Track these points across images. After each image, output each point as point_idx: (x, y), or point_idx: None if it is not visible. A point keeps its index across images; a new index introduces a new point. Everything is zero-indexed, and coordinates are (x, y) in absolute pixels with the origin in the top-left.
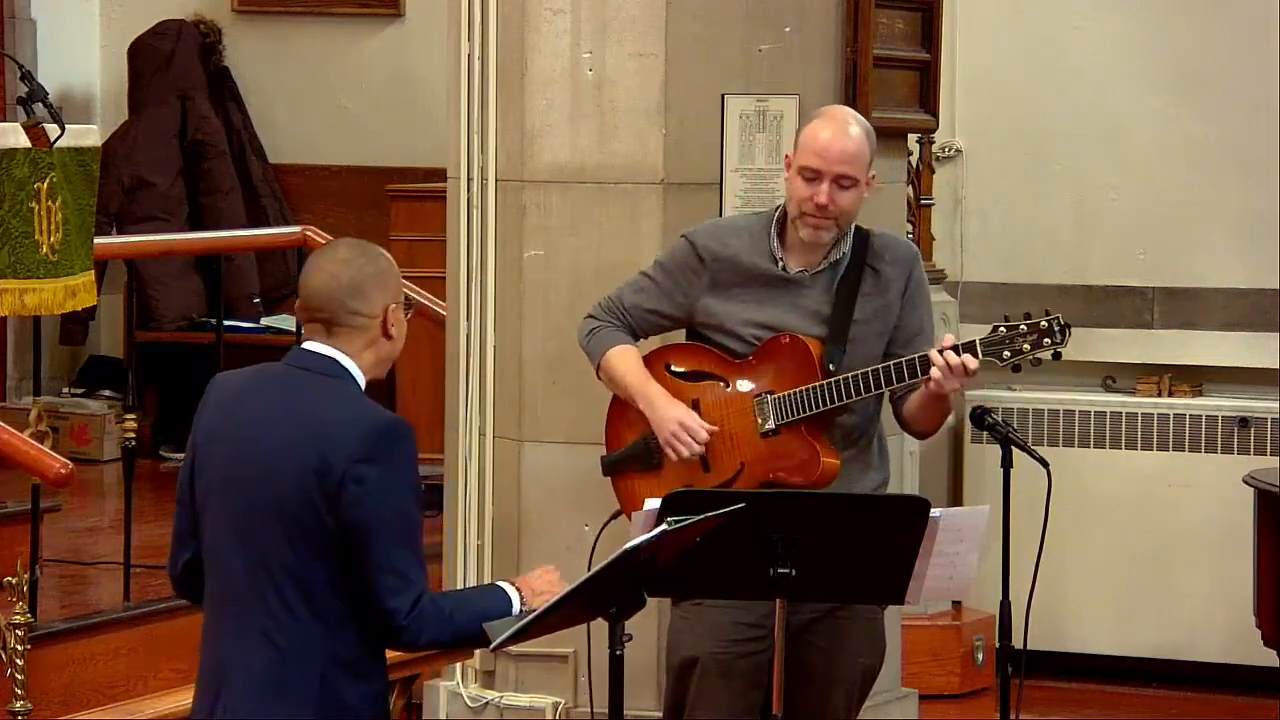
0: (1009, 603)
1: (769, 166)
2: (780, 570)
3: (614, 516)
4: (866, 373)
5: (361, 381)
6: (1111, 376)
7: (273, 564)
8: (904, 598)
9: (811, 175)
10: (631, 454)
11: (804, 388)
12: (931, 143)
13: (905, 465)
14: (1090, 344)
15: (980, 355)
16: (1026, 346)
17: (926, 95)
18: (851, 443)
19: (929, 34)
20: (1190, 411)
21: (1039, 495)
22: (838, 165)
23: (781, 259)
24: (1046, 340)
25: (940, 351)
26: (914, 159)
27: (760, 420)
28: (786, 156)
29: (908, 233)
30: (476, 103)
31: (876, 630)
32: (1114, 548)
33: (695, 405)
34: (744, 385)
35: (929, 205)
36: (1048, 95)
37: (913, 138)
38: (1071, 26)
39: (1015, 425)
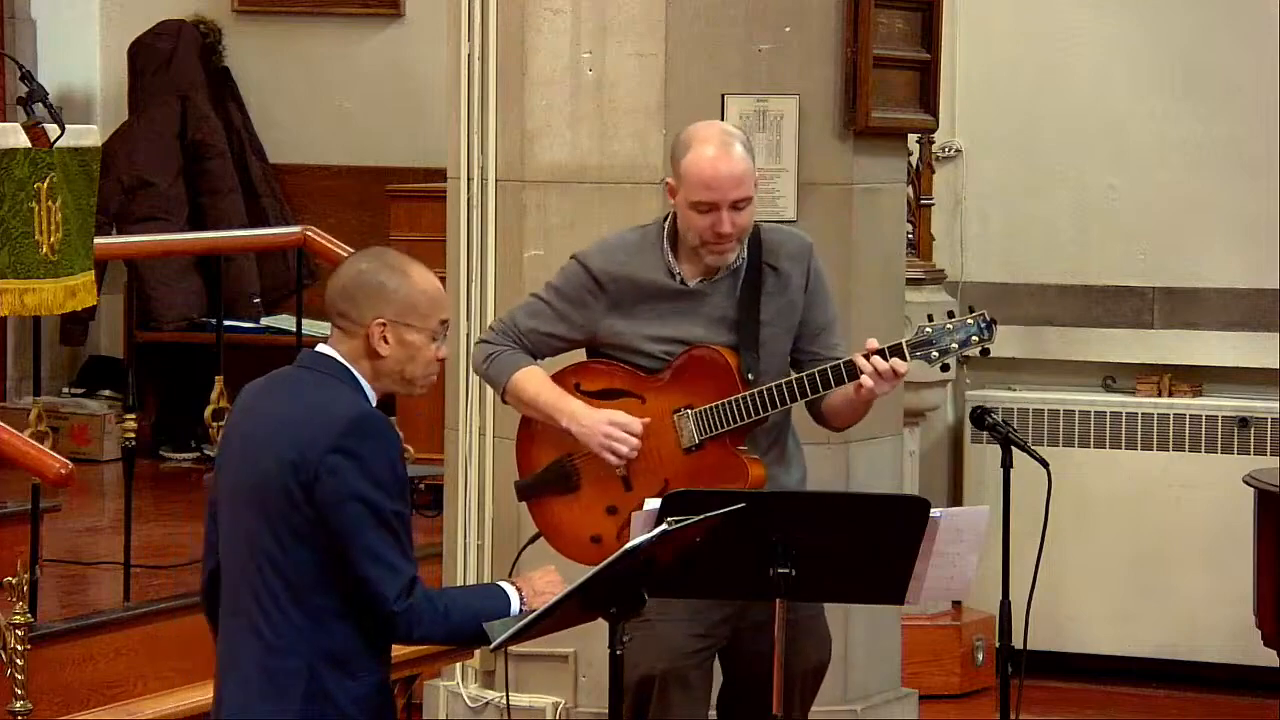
0: (1009, 603)
1: (769, 166)
2: (780, 570)
3: (532, 540)
4: (791, 382)
5: (366, 387)
6: (1111, 376)
7: (261, 559)
8: (904, 598)
9: (707, 208)
10: (548, 477)
11: (727, 400)
12: (931, 143)
13: (905, 465)
14: (1090, 344)
15: (908, 357)
16: (954, 345)
17: (926, 95)
18: (770, 444)
19: (929, 34)
20: (1190, 411)
21: (1039, 495)
22: (731, 192)
23: (678, 272)
24: (974, 337)
25: (867, 356)
26: (914, 159)
27: (683, 436)
28: (668, 183)
29: (908, 233)
30: (476, 103)
31: (821, 627)
32: (1114, 548)
33: None
34: (661, 401)
35: (929, 205)
36: (1048, 95)
37: (913, 138)
38: (1071, 26)
39: (1015, 425)
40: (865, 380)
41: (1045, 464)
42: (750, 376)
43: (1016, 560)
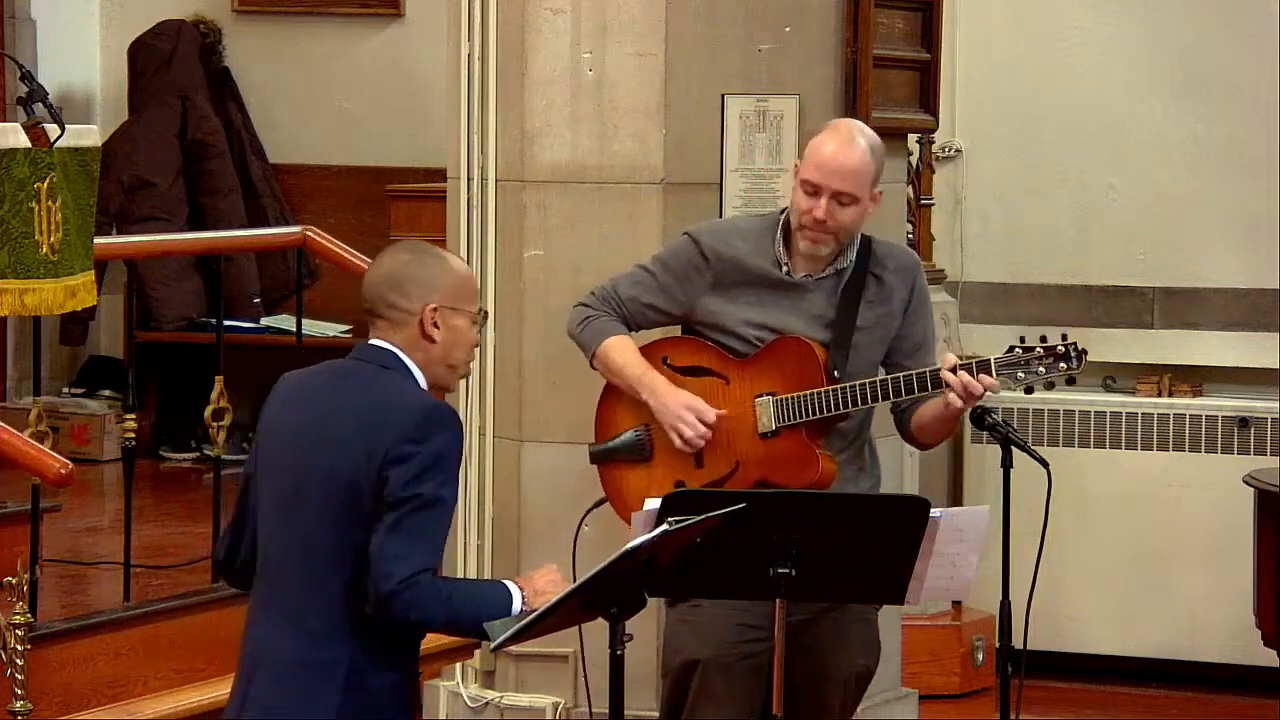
0: (1009, 603)
1: (769, 166)
2: (780, 570)
3: (597, 504)
4: (875, 382)
5: (420, 378)
6: (1111, 376)
7: (320, 551)
8: (904, 598)
9: (811, 189)
10: (622, 445)
11: (811, 392)
12: (931, 143)
13: (905, 465)
14: (1090, 344)
15: (995, 374)
16: (1042, 369)
17: (926, 95)
18: (846, 446)
19: (929, 34)
20: (1190, 411)
21: (1039, 495)
22: (836, 182)
23: (786, 264)
24: (1062, 365)
25: (954, 370)
26: (914, 159)
27: (761, 420)
28: (795, 164)
29: (908, 233)
30: (476, 103)
31: (871, 632)
32: (1114, 548)
33: None
34: (745, 385)
35: (929, 205)
36: (1048, 95)
37: (913, 138)
38: (1071, 26)
39: (1015, 425)
40: (953, 398)
41: (1045, 464)
42: (836, 374)
43: (1016, 560)
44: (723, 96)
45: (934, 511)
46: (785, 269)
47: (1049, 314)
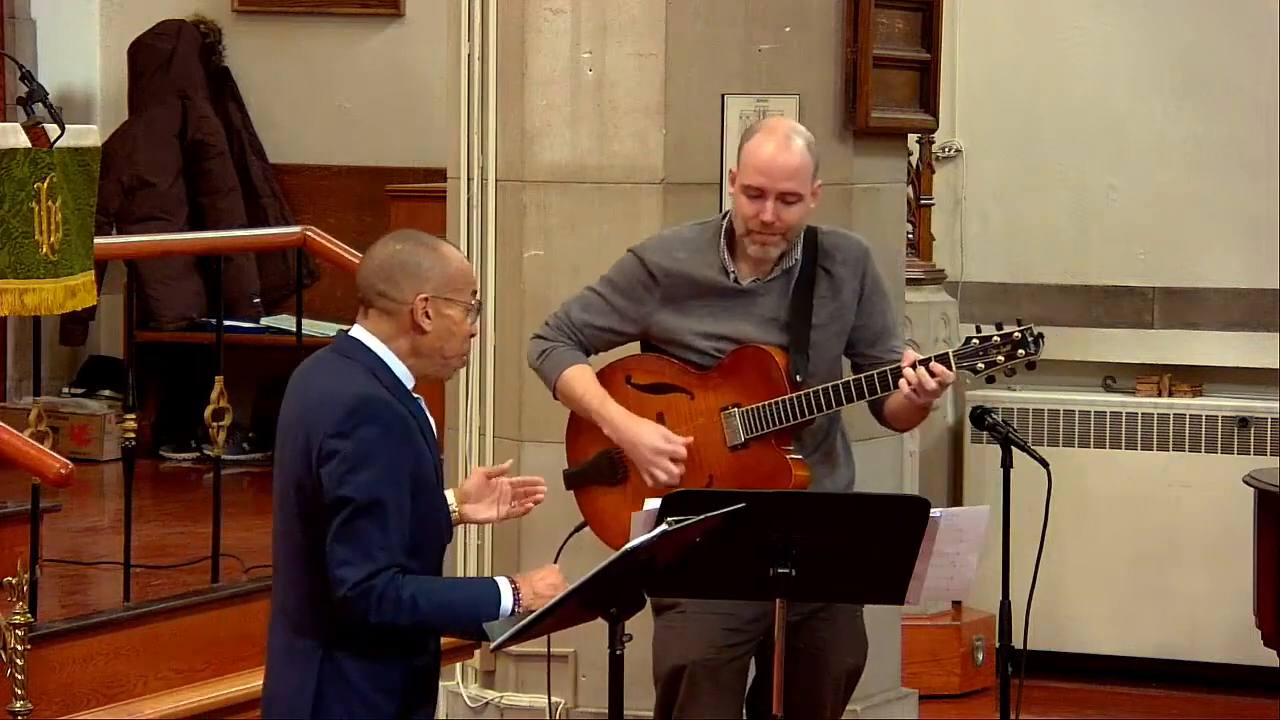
0: (1009, 603)
1: None
2: (780, 570)
3: (578, 529)
4: (838, 386)
5: (396, 366)
6: (1111, 376)
7: (286, 540)
8: (904, 598)
9: (755, 193)
10: (594, 468)
11: (774, 401)
12: (931, 143)
13: (905, 465)
14: (1090, 344)
15: (954, 368)
16: (1000, 358)
17: (926, 95)
18: (817, 445)
19: (929, 34)
20: (1190, 411)
21: (1039, 495)
22: (781, 182)
23: (733, 270)
24: (1021, 351)
25: (914, 366)
26: (914, 159)
27: (729, 434)
28: (730, 172)
29: (908, 233)
30: (476, 103)
31: (859, 630)
32: (1114, 548)
33: (660, 419)
34: (709, 398)
35: (929, 205)
36: (1048, 95)
37: (913, 138)
38: (1071, 26)
39: (1015, 425)
40: (904, 389)
41: (1045, 464)
42: (799, 378)
43: (1016, 560)
44: (723, 96)
45: (934, 511)
46: (732, 276)
47: (1049, 314)
